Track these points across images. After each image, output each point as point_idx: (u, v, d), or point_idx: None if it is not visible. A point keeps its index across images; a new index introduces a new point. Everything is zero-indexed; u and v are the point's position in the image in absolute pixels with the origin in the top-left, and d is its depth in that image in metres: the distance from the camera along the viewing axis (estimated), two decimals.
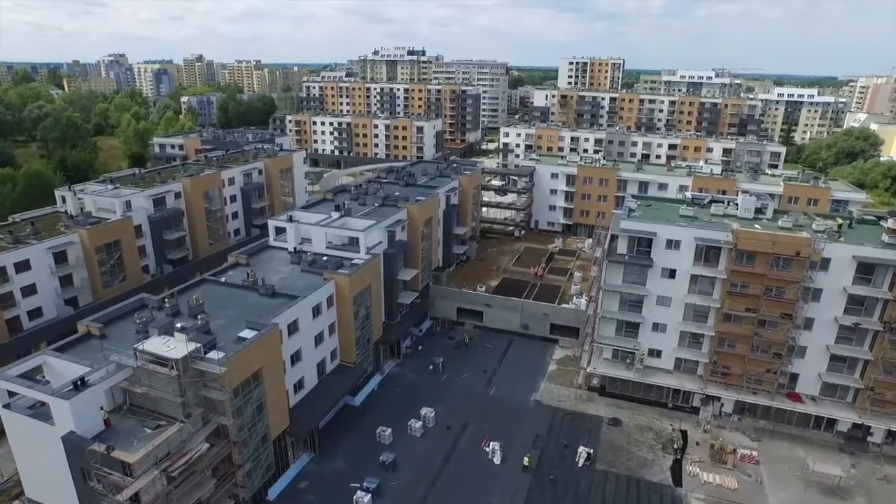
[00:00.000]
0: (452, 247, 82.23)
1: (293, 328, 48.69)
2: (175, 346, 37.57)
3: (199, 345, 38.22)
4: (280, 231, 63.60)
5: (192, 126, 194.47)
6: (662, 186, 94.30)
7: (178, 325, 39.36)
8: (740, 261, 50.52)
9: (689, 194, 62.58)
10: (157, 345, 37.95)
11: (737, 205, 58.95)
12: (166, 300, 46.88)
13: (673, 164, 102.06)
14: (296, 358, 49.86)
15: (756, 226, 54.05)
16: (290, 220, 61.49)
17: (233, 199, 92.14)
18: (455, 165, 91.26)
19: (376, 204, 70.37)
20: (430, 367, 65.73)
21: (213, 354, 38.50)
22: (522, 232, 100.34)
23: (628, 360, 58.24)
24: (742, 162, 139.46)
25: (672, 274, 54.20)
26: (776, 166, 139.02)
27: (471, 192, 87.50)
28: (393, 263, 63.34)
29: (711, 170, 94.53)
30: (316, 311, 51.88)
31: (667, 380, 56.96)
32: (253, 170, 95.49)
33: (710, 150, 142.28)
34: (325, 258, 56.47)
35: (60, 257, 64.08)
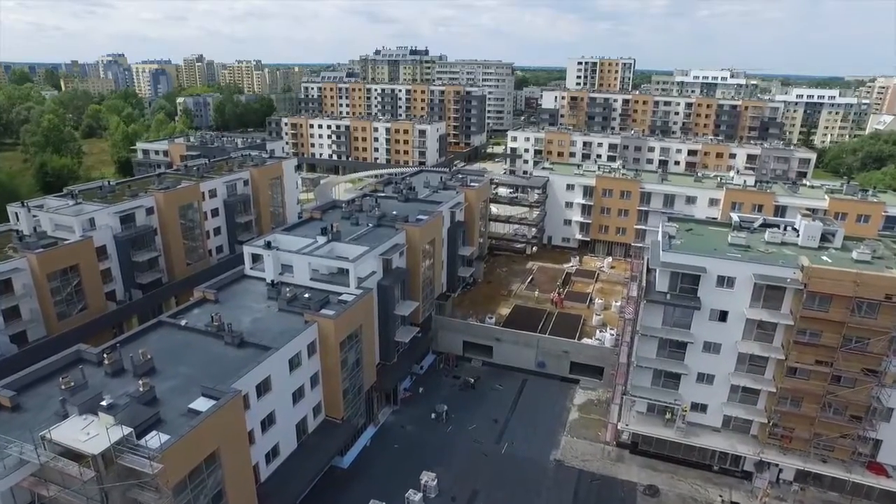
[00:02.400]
0: (457, 269, 73.16)
1: (264, 388, 39.74)
2: (96, 434, 28.67)
3: (130, 430, 29.28)
4: (258, 258, 54.68)
5: (184, 129, 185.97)
6: (690, 200, 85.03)
7: (105, 402, 30.41)
8: (811, 304, 41.25)
9: (736, 216, 53.23)
10: (72, 431, 29.06)
11: (796, 230, 49.76)
12: (106, 354, 37.94)
13: (700, 174, 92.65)
14: (268, 422, 40.93)
15: (824, 257, 44.83)
16: (269, 246, 52.48)
17: (214, 213, 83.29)
18: (461, 176, 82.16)
19: (370, 224, 61.34)
20: (433, 415, 56.68)
21: (153, 439, 29.60)
22: (534, 249, 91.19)
23: (667, 416, 49.07)
24: (768, 169, 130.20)
25: (723, 317, 45.02)
26: (805, 174, 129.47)
27: (478, 206, 78.42)
28: (389, 296, 54.34)
29: (745, 181, 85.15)
30: (294, 362, 42.93)
31: (714, 440, 47.73)
32: (238, 180, 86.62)
33: (732, 156, 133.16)
34: (307, 295, 47.43)
35: (5, 286, 55.33)
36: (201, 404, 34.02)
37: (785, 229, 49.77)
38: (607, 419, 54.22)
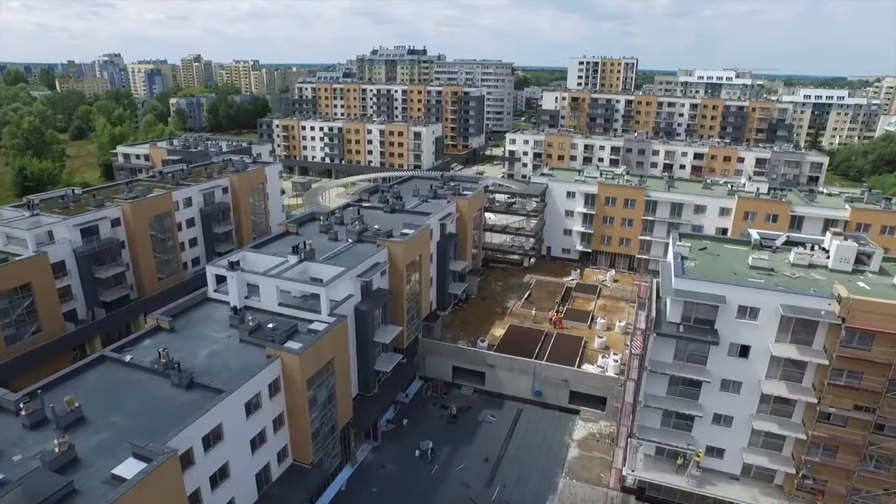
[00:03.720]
0: (448, 286, 67.57)
1: (213, 438, 34.16)
2: None
3: None
4: (223, 279, 49.11)
5: (176, 130, 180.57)
6: (699, 209, 79.30)
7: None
8: (850, 341, 35.58)
9: (755, 233, 47.52)
10: None
11: (825, 249, 44.10)
12: (23, 403, 32.35)
13: (710, 181, 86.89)
14: (219, 477, 35.35)
15: (861, 284, 39.19)
16: (233, 266, 46.89)
17: (190, 223, 77.80)
18: (453, 184, 76.48)
19: (350, 240, 55.73)
20: (417, 452, 51.03)
21: None
22: (532, 261, 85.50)
23: (679, 461, 43.43)
24: (778, 174, 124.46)
25: (744, 352, 39.39)
26: (817, 179, 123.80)
27: (471, 217, 72.79)
28: (368, 322, 48.75)
29: (758, 189, 79.41)
30: (252, 405, 37.39)
31: (732, 490, 42.06)
32: (216, 188, 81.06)
33: (741, 159, 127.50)
34: (270, 325, 41.83)
35: None
36: (129, 468, 28.49)
37: (812, 248, 44.09)
38: (610, 460, 48.58)
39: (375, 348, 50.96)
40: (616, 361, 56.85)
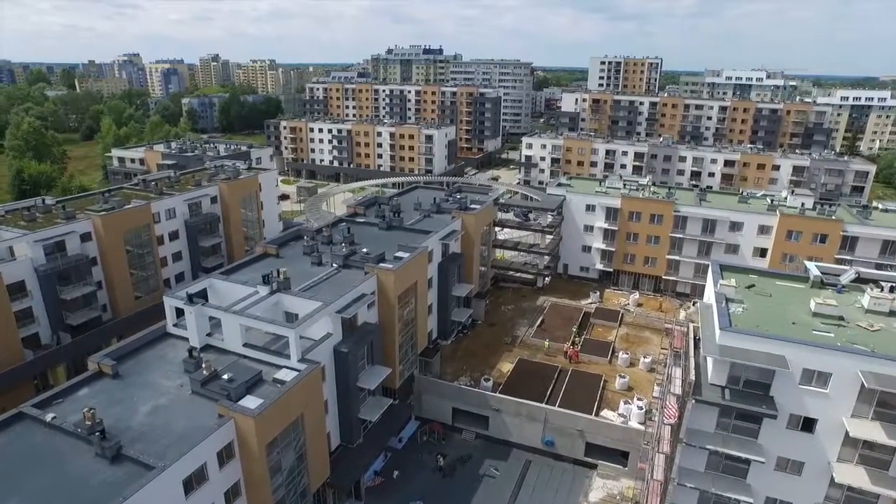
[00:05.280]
0: (451, 313, 60.24)
1: None
2: None
3: None
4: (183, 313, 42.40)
5: (180, 132, 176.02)
6: (735, 226, 70.71)
7: None
8: None
9: (814, 267, 39.26)
10: None
11: None
12: None
13: (745, 193, 78.08)
14: None
15: None
16: (191, 300, 40.13)
17: (174, 236, 71.59)
18: (459, 197, 68.97)
19: (335, 265, 48.65)
20: None
21: None
22: (547, 280, 77.62)
23: None
24: (818, 183, 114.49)
25: (808, 425, 31.32)
26: (861, 189, 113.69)
27: (479, 234, 65.34)
28: (350, 365, 41.64)
29: (802, 204, 70.48)
30: (194, 480, 30.51)
31: None
32: (203, 197, 74.78)
33: (776, 167, 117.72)
34: (226, 377, 34.85)
35: None
36: None
37: (892, 291, 35.73)
38: None
39: (360, 394, 43.84)
40: (641, 409, 48.91)
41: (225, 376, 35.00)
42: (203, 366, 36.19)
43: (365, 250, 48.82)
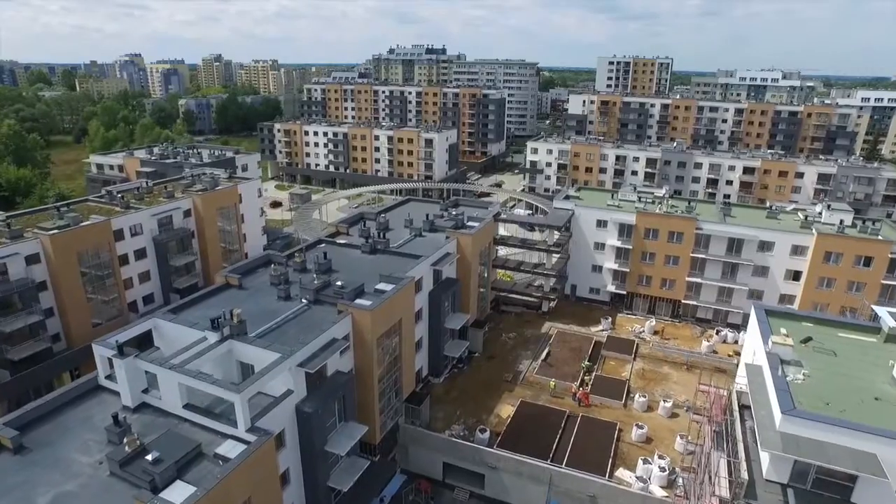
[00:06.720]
0: (443, 348, 53.01)
1: None
2: None
3: None
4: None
5: (171, 136, 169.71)
6: (766, 246, 63.14)
7: None
8: None
9: (886, 314, 31.73)
10: None
11: None
12: None
13: (775, 207, 70.46)
14: None
15: None
16: (122, 351, 33.05)
17: (140, 254, 64.73)
18: (455, 213, 61.71)
19: (305, 300, 41.51)
20: None
21: None
22: (553, 303, 70.21)
23: None
24: (846, 192, 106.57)
25: None
26: (894, 199, 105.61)
27: (477, 255, 58.10)
28: (314, 427, 34.46)
29: (841, 220, 62.81)
30: None
31: None
32: (174, 210, 67.89)
33: (799, 174, 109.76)
34: (150, 458, 27.75)
35: None
36: None
37: None
38: None
39: (329, 458, 36.66)
40: (664, 470, 41.52)
41: (150, 456, 27.91)
42: (126, 440, 29.10)
43: (339, 283, 41.56)
